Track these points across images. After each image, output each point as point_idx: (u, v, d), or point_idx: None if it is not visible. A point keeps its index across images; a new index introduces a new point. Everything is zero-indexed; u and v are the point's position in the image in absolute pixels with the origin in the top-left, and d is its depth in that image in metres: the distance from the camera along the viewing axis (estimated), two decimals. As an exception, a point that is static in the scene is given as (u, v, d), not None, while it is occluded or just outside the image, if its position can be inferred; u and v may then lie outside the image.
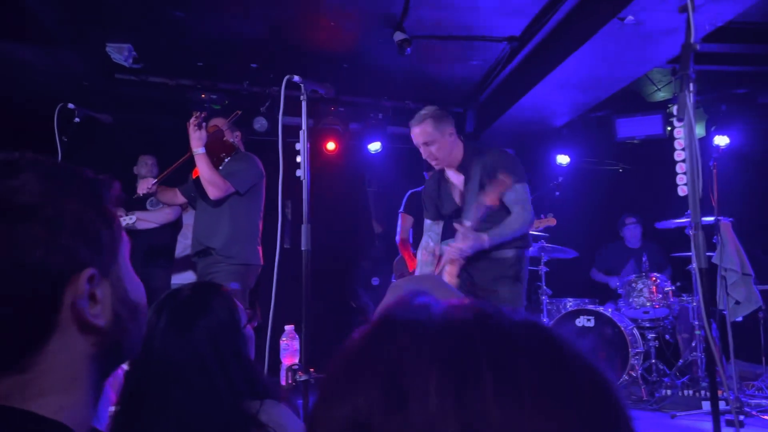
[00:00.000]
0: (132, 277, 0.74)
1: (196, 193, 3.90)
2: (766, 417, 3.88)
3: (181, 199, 4.05)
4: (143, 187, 3.88)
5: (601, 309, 5.04)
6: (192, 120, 3.61)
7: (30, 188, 0.65)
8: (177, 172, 3.97)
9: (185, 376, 1.26)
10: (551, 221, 4.89)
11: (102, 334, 0.68)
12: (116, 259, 0.71)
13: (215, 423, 1.22)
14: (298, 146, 2.86)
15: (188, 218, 4.83)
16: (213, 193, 3.61)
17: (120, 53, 4.92)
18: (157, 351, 1.28)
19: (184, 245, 4.83)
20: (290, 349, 2.93)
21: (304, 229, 2.80)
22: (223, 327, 1.36)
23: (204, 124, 3.64)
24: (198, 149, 3.59)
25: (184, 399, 1.24)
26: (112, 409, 1.29)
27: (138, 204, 4.93)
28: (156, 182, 3.89)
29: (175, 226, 5.07)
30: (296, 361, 2.84)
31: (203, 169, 3.58)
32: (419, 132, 3.14)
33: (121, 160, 5.23)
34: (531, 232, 5.21)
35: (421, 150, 3.19)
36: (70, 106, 3.84)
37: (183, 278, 4.92)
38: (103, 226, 0.70)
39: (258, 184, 3.82)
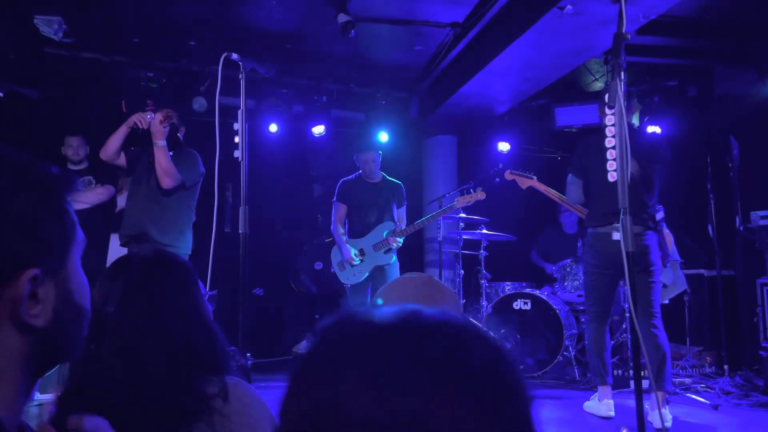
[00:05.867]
0: (80, 279, 0.72)
1: (141, 176, 3.98)
2: (688, 395, 4.08)
3: (122, 160, 4.07)
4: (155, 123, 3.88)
5: (537, 292, 5.20)
6: (163, 115, 3.83)
7: None
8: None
9: (146, 345, 1.18)
10: (481, 195, 4.92)
11: (39, 334, 0.66)
12: (65, 260, 0.69)
13: (169, 396, 1.14)
14: (236, 126, 2.80)
15: (122, 200, 4.69)
16: (168, 182, 3.82)
17: (49, 26, 4.66)
18: (113, 317, 1.20)
19: None
20: None
21: (242, 211, 2.77)
22: (185, 292, 1.29)
23: (168, 122, 3.84)
24: (161, 141, 3.81)
25: (142, 369, 1.16)
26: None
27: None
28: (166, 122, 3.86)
29: (108, 206, 4.91)
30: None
31: (163, 160, 3.79)
32: None
33: (49, 138, 4.98)
34: (464, 214, 5.32)
35: None
36: (-8, 79, 3.68)
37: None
38: (54, 226, 0.68)
39: (200, 182, 4.10)
